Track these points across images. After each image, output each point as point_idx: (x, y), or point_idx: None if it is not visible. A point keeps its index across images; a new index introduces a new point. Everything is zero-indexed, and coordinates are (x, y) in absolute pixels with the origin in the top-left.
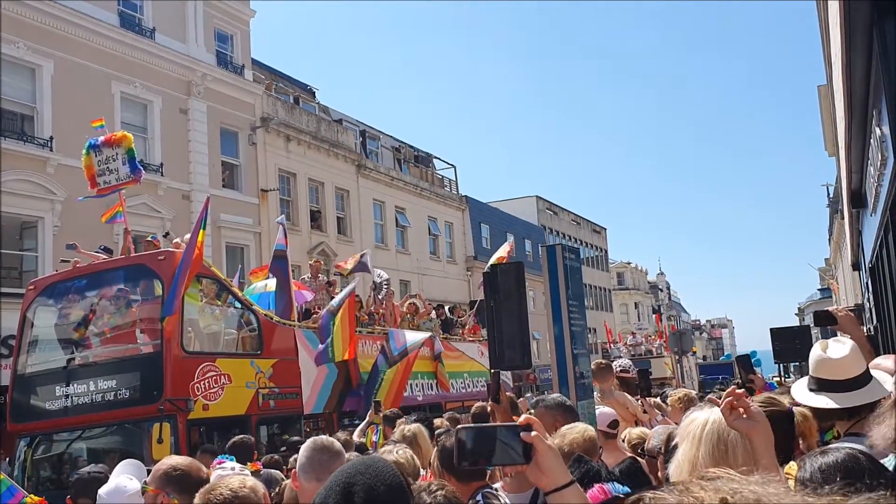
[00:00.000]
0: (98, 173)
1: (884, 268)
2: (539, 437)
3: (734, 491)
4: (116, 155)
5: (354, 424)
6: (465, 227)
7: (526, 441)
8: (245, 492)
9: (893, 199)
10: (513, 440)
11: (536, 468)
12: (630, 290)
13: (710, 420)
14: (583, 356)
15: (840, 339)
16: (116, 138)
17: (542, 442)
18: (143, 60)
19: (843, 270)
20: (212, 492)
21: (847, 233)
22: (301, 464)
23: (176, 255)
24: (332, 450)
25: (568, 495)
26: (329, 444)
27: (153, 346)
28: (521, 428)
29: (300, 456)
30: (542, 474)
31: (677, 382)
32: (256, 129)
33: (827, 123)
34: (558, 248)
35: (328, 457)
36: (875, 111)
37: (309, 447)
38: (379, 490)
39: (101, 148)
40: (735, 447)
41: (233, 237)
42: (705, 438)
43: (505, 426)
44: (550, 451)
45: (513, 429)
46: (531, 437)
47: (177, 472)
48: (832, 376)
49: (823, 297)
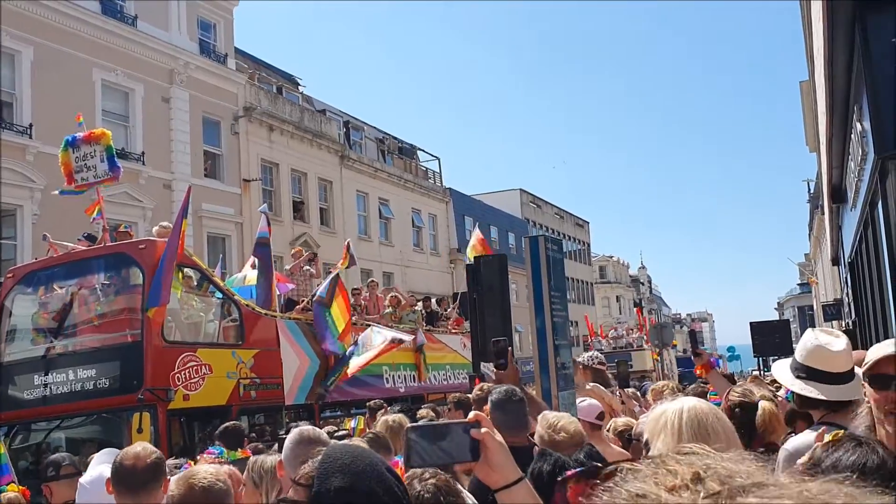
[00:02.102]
0: (75, 170)
1: (863, 262)
2: (488, 434)
3: (707, 466)
4: (95, 152)
5: (336, 416)
6: (449, 219)
7: (475, 438)
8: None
9: (873, 194)
10: (462, 438)
11: (486, 465)
12: (612, 283)
13: (685, 408)
14: (564, 347)
15: (834, 331)
16: (95, 135)
17: (491, 439)
18: (125, 48)
19: (823, 265)
20: (192, 478)
21: (827, 228)
22: (286, 456)
23: (156, 244)
24: (320, 441)
25: (517, 492)
26: (315, 436)
27: (133, 335)
28: (471, 425)
29: (286, 447)
30: (491, 471)
31: (657, 375)
32: (239, 119)
33: (808, 119)
34: (541, 239)
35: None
36: (856, 107)
37: (295, 439)
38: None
39: (79, 145)
40: (717, 433)
41: (214, 227)
42: (685, 427)
43: (454, 423)
44: (500, 448)
45: (462, 426)
46: (480, 433)
47: None
48: (825, 367)
49: (803, 292)
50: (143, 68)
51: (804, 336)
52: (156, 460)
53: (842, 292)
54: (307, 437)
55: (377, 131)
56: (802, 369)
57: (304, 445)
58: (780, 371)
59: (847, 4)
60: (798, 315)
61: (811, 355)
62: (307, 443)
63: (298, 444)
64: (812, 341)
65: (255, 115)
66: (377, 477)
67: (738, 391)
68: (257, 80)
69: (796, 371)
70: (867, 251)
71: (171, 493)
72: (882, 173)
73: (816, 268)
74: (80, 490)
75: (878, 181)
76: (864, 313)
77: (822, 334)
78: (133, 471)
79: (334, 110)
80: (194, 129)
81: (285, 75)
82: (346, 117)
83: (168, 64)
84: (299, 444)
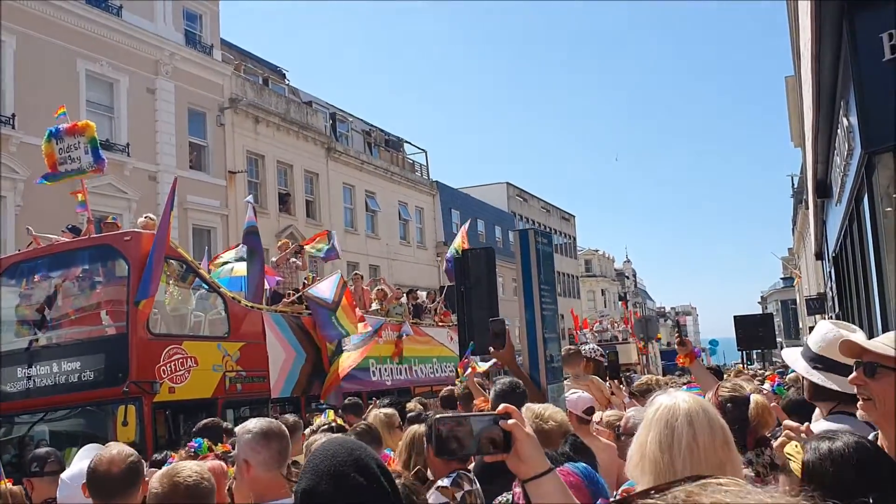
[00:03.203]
0: (59, 161)
1: (847, 257)
2: (518, 425)
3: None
4: (78, 144)
5: (322, 408)
6: (436, 212)
7: (505, 429)
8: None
9: (859, 189)
10: (491, 429)
11: (515, 457)
12: (597, 276)
13: (662, 405)
14: (553, 340)
15: (849, 324)
16: (79, 127)
17: (520, 430)
18: (110, 38)
19: (807, 259)
20: (177, 475)
21: (811, 222)
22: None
23: (142, 236)
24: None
25: (546, 483)
26: (280, 431)
27: (118, 327)
28: (500, 417)
29: (251, 448)
30: (521, 462)
31: (642, 368)
32: (225, 110)
33: (794, 114)
34: (531, 232)
35: (286, 444)
36: (843, 102)
37: (261, 440)
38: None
39: (62, 136)
40: (681, 434)
41: (200, 219)
42: (654, 423)
43: (482, 415)
44: (529, 440)
45: (491, 418)
46: (510, 424)
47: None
48: (843, 359)
49: (786, 286)
50: (128, 59)
51: (820, 327)
52: (130, 465)
53: (825, 286)
54: (273, 433)
55: (364, 123)
56: (819, 360)
57: (275, 441)
58: (794, 359)
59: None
60: (781, 309)
61: (830, 346)
62: (276, 438)
63: (269, 440)
64: (832, 332)
65: (241, 106)
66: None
67: (727, 386)
68: (243, 72)
69: (812, 361)
70: (852, 246)
71: (154, 490)
72: (868, 168)
73: (800, 262)
74: (60, 485)
75: (865, 176)
76: (848, 307)
77: (840, 327)
78: (108, 477)
79: (321, 102)
80: (180, 120)
81: (271, 67)
82: (333, 109)
83: (153, 55)
84: (269, 440)
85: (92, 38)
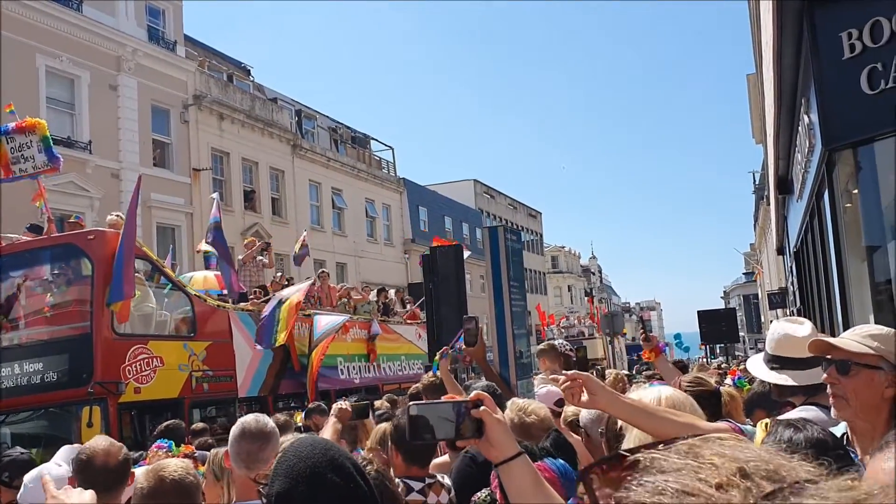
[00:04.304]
0: (12, 161)
1: (808, 251)
2: (488, 412)
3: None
4: (31, 142)
5: (290, 408)
6: (403, 209)
7: (476, 417)
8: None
9: (820, 184)
10: (464, 415)
11: (486, 441)
12: (564, 273)
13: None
14: (522, 336)
15: (798, 318)
16: (28, 125)
17: (491, 416)
18: (70, 34)
19: (768, 255)
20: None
21: (773, 218)
22: (231, 451)
23: (106, 235)
24: (263, 436)
25: (516, 466)
26: (257, 431)
27: (82, 327)
28: (473, 403)
29: (230, 442)
30: (491, 447)
31: (608, 363)
32: (189, 107)
33: (755, 112)
34: (500, 229)
35: (258, 446)
36: (804, 99)
37: (237, 435)
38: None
39: (12, 135)
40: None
41: (164, 217)
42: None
43: (456, 402)
44: (500, 425)
45: (464, 404)
46: (481, 412)
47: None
48: (794, 354)
49: (748, 281)
50: (89, 55)
51: (771, 328)
52: (126, 456)
53: (787, 281)
54: (249, 433)
55: (330, 120)
56: (774, 360)
57: (247, 441)
58: (755, 366)
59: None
60: (743, 303)
61: (779, 345)
62: (250, 438)
63: (241, 439)
64: (778, 331)
65: (206, 103)
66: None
67: (688, 379)
68: (207, 68)
69: (769, 363)
70: (813, 241)
71: (139, 486)
72: (828, 165)
73: (762, 257)
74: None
75: (825, 172)
76: (809, 301)
77: (787, 323)
78: (105, 468)
79: (286, 99)
80: (143, 117)
81: (236, 63)
82: (298, 106)
83: (115, 51)
84: (242, 439)
85: (52, 34)
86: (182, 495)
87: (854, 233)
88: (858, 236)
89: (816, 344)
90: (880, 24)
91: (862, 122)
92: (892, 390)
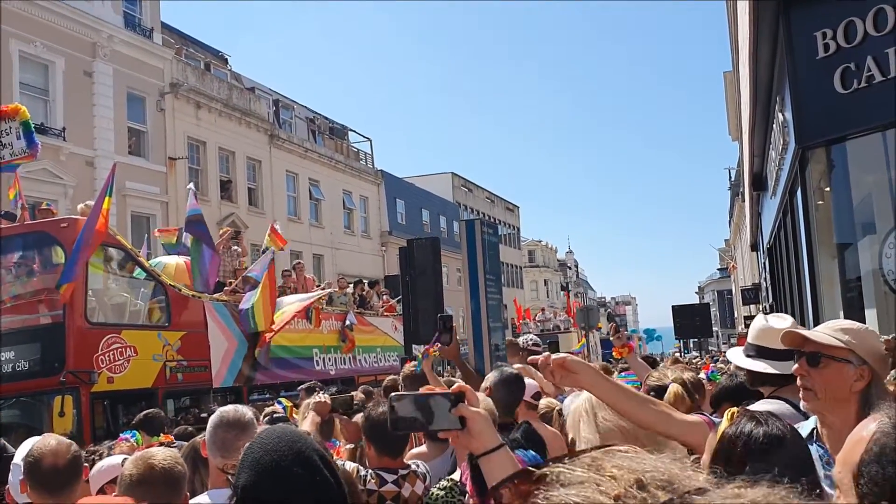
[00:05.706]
0: None
1: (781, 248)
2: (468, 406)
3: (645, 471)
4: (10, 129)
5: (264, 399)
6: (381, 201)
7: (457, 410)
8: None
9: (793, 182)
10: (445, 407)
11: (467, 433)
12: (540, 267)
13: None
14: (498, 329)
15: (781, 314)
16: (9, 110)
17: (472, 409)
18: (45, 19)
19: (742, 251)
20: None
21: (747, 214)
22: (208, 440)
23: (79, 223)
24: (240, 425)
25: (497, 458)
26: (235, 420)
27: (55, 316)
28: (455, 396)
29: (207, 430)
30: (472, 439)
31: (584, 357)
32: (165, 95)
33: (731, 109)
34: (477, 223)
35: (234, 434)
36: (778, 97)
37: (215, 423)
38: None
39: None
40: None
41: (139, 206)
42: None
43: (437, 394)
44: (480, 417)
45: (445, 396)
46: (461, 408)
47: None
48: (772, 345)
49: (723, 277)
50: (64, 41)
51: (754, 321)
52: (75, 453)
53: (760, 277)
54: (227, 422)
55: (308, 111)
56: (752, 349)
57: (223, 429)
58: (734, 354)
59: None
60: (718, 299)
61: (759, 335)
62: (227, 427)
63: (218, 427)
64: (760, 323)
65: (182, 91)
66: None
67: (655, 376)
68: (184, 56)
69: (747, 352)
70: (785, 237)
71: (128, 473)
72: (802, 162)
73: (736, 253)
74: None
75: (798, 170)
76: (781, 297)
77: (770, 317)
78: (54, 469)
79: (264, 88)
80: (118, 104)
81: (213, 51)
82: (276, 96)
83: (91, 37)
84: (219, 427)
85: (26, 19)
86: (169, 484)
87: (826, 230)
88: (830, 234)
89: (790, 335)
90: (854, 25)
91: (835, 121)
92: (860, 384)
